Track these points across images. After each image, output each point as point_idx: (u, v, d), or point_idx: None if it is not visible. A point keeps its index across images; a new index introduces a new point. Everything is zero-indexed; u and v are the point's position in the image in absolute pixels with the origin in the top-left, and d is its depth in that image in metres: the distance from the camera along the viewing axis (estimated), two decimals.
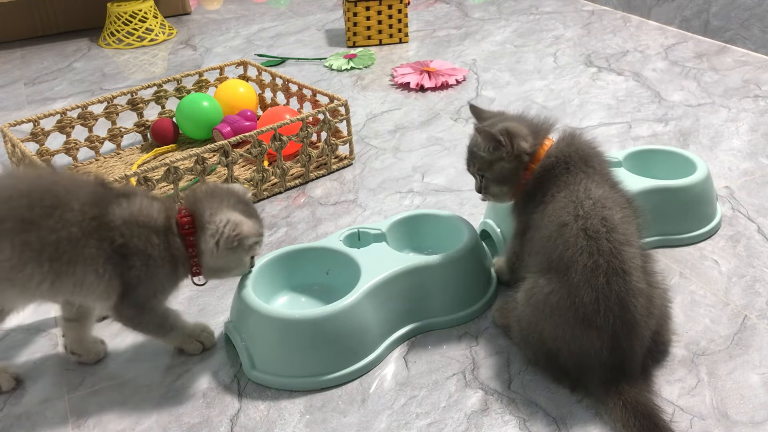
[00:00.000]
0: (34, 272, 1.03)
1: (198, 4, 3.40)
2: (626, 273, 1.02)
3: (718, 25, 2.50)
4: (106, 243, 1.05)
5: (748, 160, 1.73)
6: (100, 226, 1.05)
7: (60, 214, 1.02)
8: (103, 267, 1.06)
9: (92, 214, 1.04)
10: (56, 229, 1.02)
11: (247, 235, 1.11)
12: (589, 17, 2.88)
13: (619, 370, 1.04)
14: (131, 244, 1.06)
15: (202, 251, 1.12)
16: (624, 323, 1.02)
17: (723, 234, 1.46)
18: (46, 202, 1.03)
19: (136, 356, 1.23)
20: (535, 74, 2.34)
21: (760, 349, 1.16)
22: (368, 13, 2.64)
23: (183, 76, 1.97)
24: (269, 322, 1.13)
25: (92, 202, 1.05)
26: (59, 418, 1.11)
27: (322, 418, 1.09)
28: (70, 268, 1.04)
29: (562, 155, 1.14)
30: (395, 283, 1.19)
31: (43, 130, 1.77)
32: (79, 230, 1.03)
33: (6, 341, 1.28)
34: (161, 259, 1.09)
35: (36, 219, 1.01)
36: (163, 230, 1.10)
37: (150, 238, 1.08)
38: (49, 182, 1.06)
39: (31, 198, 1.02)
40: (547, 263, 1.07)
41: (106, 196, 1.07)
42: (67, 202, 1.03)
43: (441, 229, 1.35)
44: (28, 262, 1.02)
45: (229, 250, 1.12)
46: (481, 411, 1.08)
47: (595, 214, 1.05)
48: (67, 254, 1.03)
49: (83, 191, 1.06)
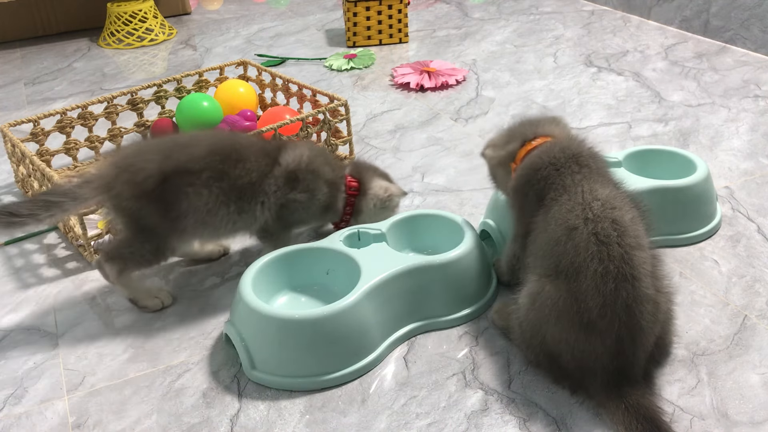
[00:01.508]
0: (223, 213, 1.29)
1: (198, 4, 3.40)
2: (636, 279, 1.01)
3: (718, 25, 2.50)
4: (279, 181, 1.32)
5: (748, 160, 1.73)
6: (272, 172, 1.32)
7: (243, 165, 1.29)
8: (271, 199, 1.32)
9: (265, 163, 1.31)
10: (240, 176, 1.28)
11: (397, 195, 1.43)
12: (589, 17, 2.88)
13: (622, 374, 1.03)
14: (300, 183, 1.33)
15: (360, 210, 1.42)
16: (629, 330, 1.02)
17: (723, 234, 1.46)
18: (233, 156, 1.29)
19: (136, 356, 1.23)
20: (535, 74, 2.34)
21: (760, 349, 1.16)
22: (368, 13, 2.64)
23: (183, 76, 1.97)
24: (269, 322, 1.13)
25: (264, 154, 1.32)
26: (59, 418, 1.11)
27: (322, 418, 1.09)
28: (248, 206, 1.31)
29: (547, 156, 1.15)
30: (395, 283, 1.19)
31: (43, 130, 1.77)
32: (257, 175, 1.30)
33: (6, 341, 1.28)
34: (318, 202, 1.37)
35: (227, 170, 1.27)
36: (331, 182, 1.38)
37: (317, 184, 1.35)
38: (231, 141, 1.33)
39: (221, 154, 1.28)
40: (554, 267, 1.06)
41: (274, 149, 1.35)
42: (246, 156, 1.30)
43: (441, 229, 1.35)
44: (221, 205, 1.28)
45: (381, 209, 1.41)
46: (481, 411, 1.08)
47: (605, 217, 1.04)
48: (247, 195, 1.30)
49: (256, 146, 1.33)
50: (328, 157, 1.42)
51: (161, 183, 1.23)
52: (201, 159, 1.26)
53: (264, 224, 1.34)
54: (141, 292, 1.33)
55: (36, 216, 1.21)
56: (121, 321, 1.32)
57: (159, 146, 1.30)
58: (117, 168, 1.25)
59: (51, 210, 1.22)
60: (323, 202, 1.38)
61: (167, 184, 1.24)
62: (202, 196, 1.26)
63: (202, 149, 1.28)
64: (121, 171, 1.25)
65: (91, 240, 1.46)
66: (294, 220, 1.38)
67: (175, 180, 1.24)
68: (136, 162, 1.25)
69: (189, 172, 1.25)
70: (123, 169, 1.25)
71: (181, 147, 1.29)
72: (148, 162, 1.25)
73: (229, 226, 1.31)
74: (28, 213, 1.21)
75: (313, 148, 1.40)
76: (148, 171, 1.23)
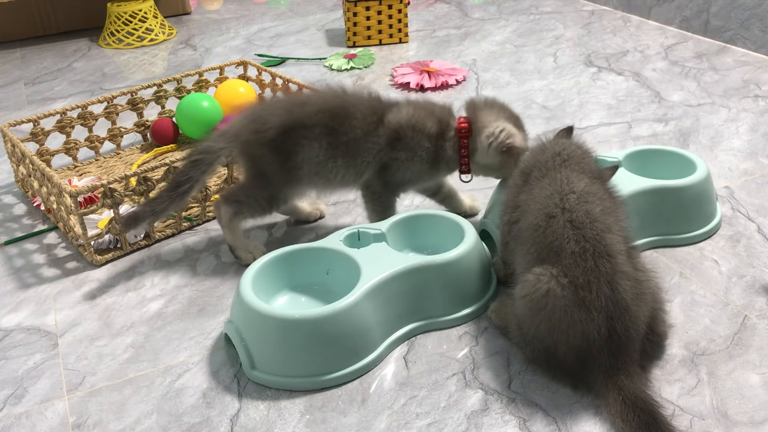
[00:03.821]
0: (333, 166, 1.38)
1: (198, 4, 3.40)
2: (611, 256, 1.07)
3: (718, 25, 2.50)
4: (381, 139, 1.37)
5: (748, 160, 1.73)
6: (377, 128, 1.37)
7: (350, 122, 1.36)
8: (374, 157, 1.38)
9: (371, 120, 1.37)
10: (348, 132, 1.36)
11: (519, 146, 1.37)
12: (589, 17, 2.88)
13: (618, 357, 1.05)
14: (401, 141, 1.37)
15: (474, 150, 1.40)
16: (615, 305, 1.05)
17: (723, 234, 1.46)
18: (342, 113, 1.36)
19: (136, 356, 1.23)
20: (535, 74, 2.34)
21: (760, 349, 1.16)
22: (368, 13, 2.64)
23: (183, 76, 1.97)
24: (269, 322, 1.13)
25: (371, 112, 1.38)
26: (59, 418, 1.11)
27: (322, 418, 1.09)
28: (353, 162, 1.38)
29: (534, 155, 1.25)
30: (395, 283, 1.19)
31: (43, 130, 1.77)
32: (362, 132, 1.37)
33: (6, 341, 1.28)
34: (420, 159, 1.39)
35: (336, 126, 1.36)
36: (435, 136, 1.38)
37: (417, 140, 1.37)
38: (341, 99, 1.39)
39: (331, 111, 1.36)
40: (536, 253, 1.11)
41: (381, 106, 1.40)
42: (353, 113, 1.37)
43: (441, 229, 1.35)
44: (330, 158, 1.37)
45: (500, 153, 1.38)
46: (481, 411, 1.08)
47: (579, 208, 1.11)
48: (353, 150, 1.37)
49: (364, 104, 1.39)
50: (432, 109, 1.42)
51: (282, 134, 1.36)
52: (314, 115, 1.37)
53: (367, 182, 1.41)
54: (241, 242, 1.44)
55: (191, 177, 1.37)
56: (121, 321, 1.32)
57: (282, 103, 1.42)
58: (246, 120, 1.39)
59: (200, 167, 1.37)
60: (427, 159, 1.39)
61: (287, 135, 1.36)
62: (314, 148, 1.36)
63: (315, 106, 1.38)
64: (249, 122, 1.38)
65: (91, 240, 1.46)
66: (396, 181, 1.41)
67: (293, 133, 1.36)
68: (262, 115, 1.39)
69: (304, 126, 1.36)
70: (251, 121, 1.38)
71: (300, 104, 1.40)
72: (273, 115, 1.37)
73: (337, 178, 1.40)
74: (186, 177, 1.37)
75: (417, 104, 1.42)
76: (272, 123, 1.36)
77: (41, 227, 1.63)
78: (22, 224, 1.65)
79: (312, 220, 1.59)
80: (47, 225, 1.63)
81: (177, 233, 1.57)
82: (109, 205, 1.44)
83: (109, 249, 1.51)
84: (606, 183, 1.20)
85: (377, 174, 1.40)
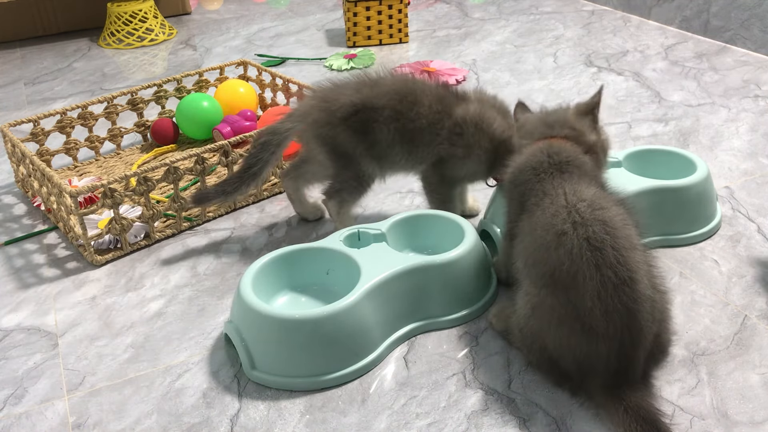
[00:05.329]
0: (397, 150, 1.39)
1: (198, 4, 3.40)
2: (634, 282, 1.00)
3: (718, 25, 2.50)
4: (444, 131, 1.36)
5: (748, 160, 1.73)
6: (442, 119, 1.36)
7: (417, 109, 1.36)
8: (436, 148, 1.38)
9: (437, 110, 1.36)
10: (412, 120, 1.36)
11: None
12: (589, 17, 2.88)
13: (622, 375, 1.03)
14: (463, 137, 1.36)
15: None
16: (630, 331, 1.01)
17: (723, 234, 1.46)
18: (410, 99, 1.37)
19: (136, 356, 1.23)
20: (535, 74, 2.34)
21: (760, 349, 1.16)
22: (368, 13, 2.64)
23: (183, 76, 1.97)
24: (269, 322, 1.13)
25: (438, 101, 1.37)
26: (59, 418, 1.11)
27: (322, 418, 1.09)
28: (415, 149, 1.38)
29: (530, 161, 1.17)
30: (395, 283, 1.19)
31: (43, 130, 1.77)
32: (426, 121, 1.36)
33: (6, 341, 1.28)
34: (478, 159, 1.38)
35: (403, 111, 1.36)
36: (498, 141, 1.36)
37: (478, 139, 1.36)
38: (410, 85, 1.39)
39: (400, 96, 1.37)
40: (548, 275, 1.04)
41: (449, 98, 1.39)
42: (421, 100, 1.37)
43: (441, 229, 1.35)
44: (395, 143, 1.38)
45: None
46: (481, 411, 1.08)
47: (594, 219, 1.03)
48: (416, 139, 1.37)
49: (432, 93, 1.38)
50: (504, 111, 1.40)
51: (352, 114, 1.36)
52: (383, 96, 1.37)
53: (425, 172, 1.42)
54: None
55: (261, 158, 1.40)
56: (121, 321, 1.32)
57: (351, 84, 1.42)
58: (314, 100, 1.41)
59: (269, 148, 1.40)
60: (485, 161, 1.38)
61: (357, 115, 1.37)
62: (382, 131, 1.37)
63: (385, 88, 1.38)
64: (318, 102, 1.40)
65: (91, 240, 1.46)
66: (452, 176, 1.41)
67: (362, 113, 1.37)
68: (331, 95, 1.40)
69: (373, 108, 1.37)
70: (320, 100, 1.40)
71: (370, 85, 1.40)
72: (341, 95, 1.38)
73: (401, 162, 1.41)
74: (256, 159, 1.39)
75: (487, 101, 1.40)
76: (341, 102, 1.37)
77: (41, 227, 1.63)
78: (22, 224, 1.65)
79: (312, 219, 1.59)
80: (47, 225, 1.63)
81: (177, 233, 1.57)
82: (109, 205, 1.44)
83: (109, 249, 1.51)
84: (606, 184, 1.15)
85: (433, 167, 1.40)
